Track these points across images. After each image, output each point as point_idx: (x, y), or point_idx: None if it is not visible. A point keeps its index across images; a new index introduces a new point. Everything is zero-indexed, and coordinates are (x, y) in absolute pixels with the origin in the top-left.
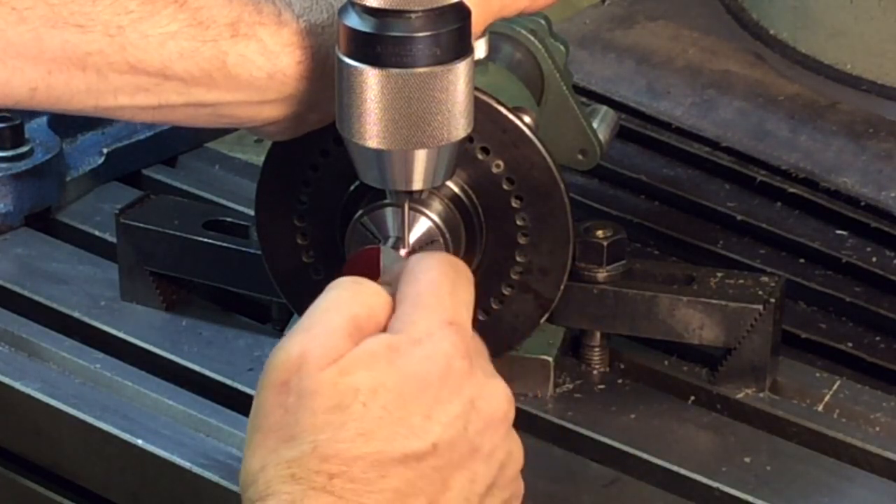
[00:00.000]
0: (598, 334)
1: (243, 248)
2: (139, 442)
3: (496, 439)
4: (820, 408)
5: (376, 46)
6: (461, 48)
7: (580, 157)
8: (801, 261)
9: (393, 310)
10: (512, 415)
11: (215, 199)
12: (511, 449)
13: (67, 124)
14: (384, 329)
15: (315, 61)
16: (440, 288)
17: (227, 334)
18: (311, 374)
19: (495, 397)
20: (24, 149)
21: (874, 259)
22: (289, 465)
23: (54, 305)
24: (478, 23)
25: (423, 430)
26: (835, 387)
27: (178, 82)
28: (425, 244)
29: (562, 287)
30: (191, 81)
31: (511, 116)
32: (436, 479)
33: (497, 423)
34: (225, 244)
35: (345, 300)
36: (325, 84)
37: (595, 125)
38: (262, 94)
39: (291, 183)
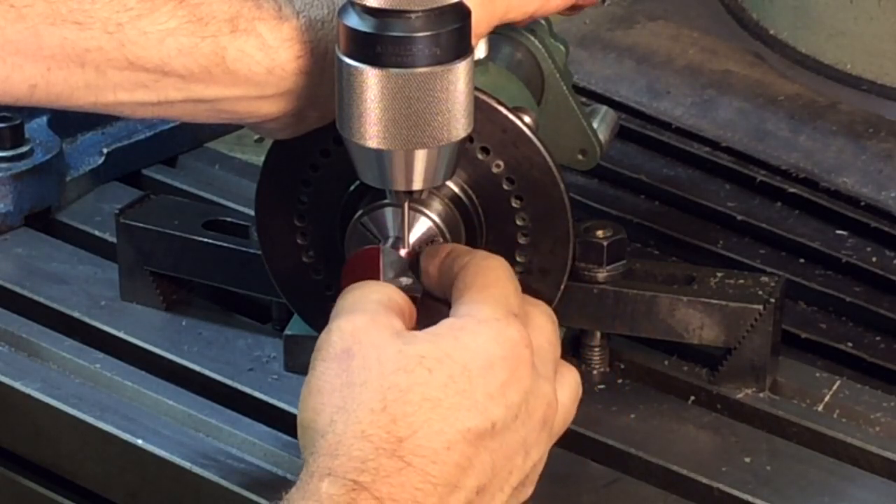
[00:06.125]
0: (598, 334)
1: (243, 248)
2: (139, 442)
3: (540, 438)
4: (820, 408)
5: (376, 46)
6: (461, 48)
7: (580, 157)
8: (801, 261)
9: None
10: (552, 419)
11: (215, 199)
12: (544, 453)
13: (67, 124)
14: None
15: (314, 56)
16: (507, 285)
17: (227, 334)
18: (374, 343)
19: (546, 398)
20: (24, 149)
21: (874, 259)
22: (359, 420)
23: (54, 305)
24: (481, 25)
25: (485, 407)
26: (835, 387)
27: (177, 78)
28: (425, 244)
29: (562, 287)
30: (190, 77)
31: (511, 116)
32: (486, 463)
33: (543, 424)
34: (225, 244)
35: (370, 291)
36: (324, 79)
37: (595, 125)
38: (260, 89)
39: (291, 183)
